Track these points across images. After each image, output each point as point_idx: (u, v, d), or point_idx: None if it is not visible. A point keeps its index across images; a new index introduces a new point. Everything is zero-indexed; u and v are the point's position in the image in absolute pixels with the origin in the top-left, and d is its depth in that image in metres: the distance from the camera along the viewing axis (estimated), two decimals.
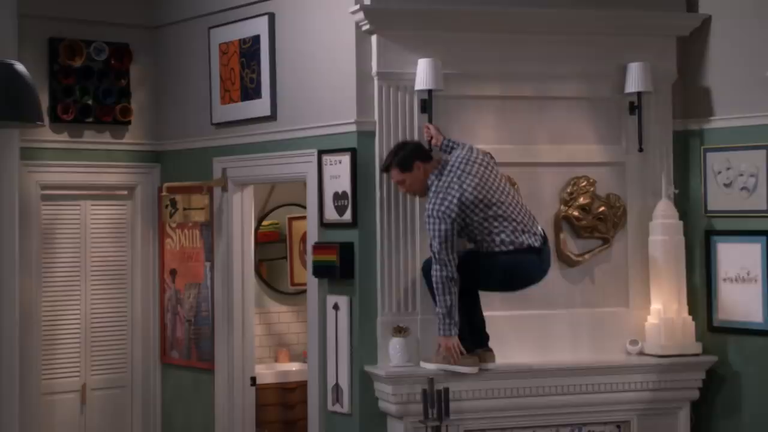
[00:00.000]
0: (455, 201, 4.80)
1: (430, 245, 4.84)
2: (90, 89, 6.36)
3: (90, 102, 6.36)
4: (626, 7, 5.40)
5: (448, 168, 4.90)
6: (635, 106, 5.35)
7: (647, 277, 5.40)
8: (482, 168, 4.92)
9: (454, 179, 4.86)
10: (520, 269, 4.94)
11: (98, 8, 6.41)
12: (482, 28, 5.24)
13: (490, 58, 5.24)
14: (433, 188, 4.90)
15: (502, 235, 4.85)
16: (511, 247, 4.86)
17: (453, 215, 4.79)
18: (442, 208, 4.80)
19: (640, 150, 5.38)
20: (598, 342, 5.36)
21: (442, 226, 4.77)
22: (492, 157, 5.04)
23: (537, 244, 4.92)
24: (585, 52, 5.35)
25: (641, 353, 5.33)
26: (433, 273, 4.81)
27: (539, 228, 4.99)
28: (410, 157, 4.95)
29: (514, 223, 4.88)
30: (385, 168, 5.04)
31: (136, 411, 6.56)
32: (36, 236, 6.22)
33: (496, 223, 4.85)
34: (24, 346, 6.08)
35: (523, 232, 4.90)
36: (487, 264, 4.89)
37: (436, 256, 4.80)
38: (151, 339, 6.56)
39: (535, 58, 5.30)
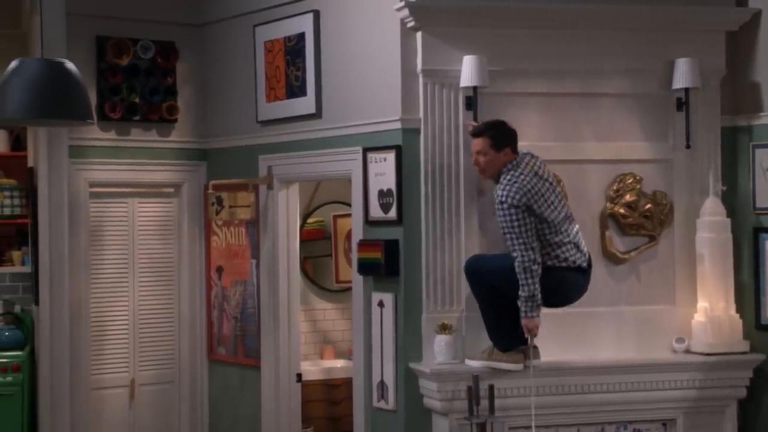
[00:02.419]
0: (528, 194, 4.81)
1: (504, 233, 4.82)
2: (137, 87, 6.43)
3: (137, 100, 6.42)
4: (674, 2, 5.34)
5: (524, 164, 4.91)
6: (683, 102, 5.30)
7: (694, 274, 5.35)
8: (550, 177, 4.97)
9: (530, 175, 4.87)
10: (565, 288, 4.96)
11: (145, 7, 6.47)
12: (527, 24, 5.22)
13: (536, 55, 5.22)
14: (508, 176, 4.87)
15: (558, 251, 4.87)
16: (564, 264, 4.88)
17: (528, 204, 4.78)
18: (518, 196, 4.79)
19: (688, 147, 5.33)
20: (644, 340, 5.32)
21: (519, 213, 4.77)
22: None
23: (585, 265, 4.95)
24: (631, 48, 5.31)
25: (688, 351, 5.29)
26: (518, 260, 4.78)
27: (585, 246, 5.02)
28: (507, 139, 4.92)
29: (569, 237, 4.91)
30: (477, 133, 4.96)
31: (184, 406, 6.62)
32: (85, 233, 6.29)
33: (558, 236, 4.87)
34: (74, 342, 6.17)
35: (577, 249, 4.92)
36: None
37: (515, 242, 4.78)
38: (198, 335, 6.62)
39: (581, 54, 5.27)
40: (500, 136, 4.92)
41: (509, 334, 4.96)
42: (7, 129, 6.72)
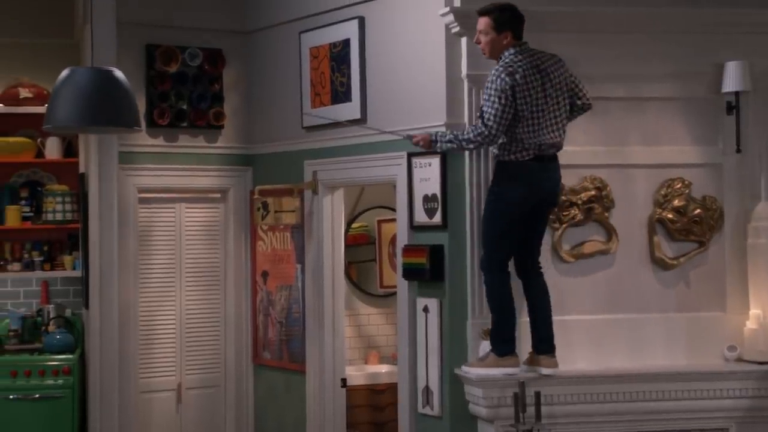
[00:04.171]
0: (518, 81, 4.74)
1: (483, 105, 4.76)
2: (185, 94, 6.49)
3: (185, 107, 6.49)
4: (723, 4, 5.26)
5: (528, 53, 4.84)
6: (733, 105, 5.22)
7: (745, 281, 5.27)
8: (555, 79, 4.89)
9: (528, 65, 4.79)
10: (531, 178, 4.85)
11: (192, 15, 6.53)
12: (572, 28, 5.18)
13: (581, 59, 5.17)
14: (507, 60, 4.80)
15: (522, 146, 4.80)
16: (523, 157, 4.82)
17: (514, 88, 4.72)
18: (508, 79, 4.71)
19: (738, 151, 5.25)
20: (695, 347, 5.25)
21: (503, 98, 4.70)
22: None
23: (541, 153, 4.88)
24: (680, 51, 5.25)
25: (740, 359, 5.21)
26: (480, 126, 4.74)
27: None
28: (510, 23, 4.85)
29: (537, 139, 4.83)
30: (482, 12, 4.90)
31: (230, 411, 6.66)
32: (133, 238, 6.36)
33: (526, 135, 4.79)
34: (123, 346, 6.24)
35: (537, 149, 4.84)
36: (504, 191, 4.84)
37: (487, 119, 4.71)
38: (244, 340, 6.65)
39: (629, 57, 5.22)
40: (503, 19, 4.84)
41: (510, 338, 4.90)
42: (59, 136, 6.82)
